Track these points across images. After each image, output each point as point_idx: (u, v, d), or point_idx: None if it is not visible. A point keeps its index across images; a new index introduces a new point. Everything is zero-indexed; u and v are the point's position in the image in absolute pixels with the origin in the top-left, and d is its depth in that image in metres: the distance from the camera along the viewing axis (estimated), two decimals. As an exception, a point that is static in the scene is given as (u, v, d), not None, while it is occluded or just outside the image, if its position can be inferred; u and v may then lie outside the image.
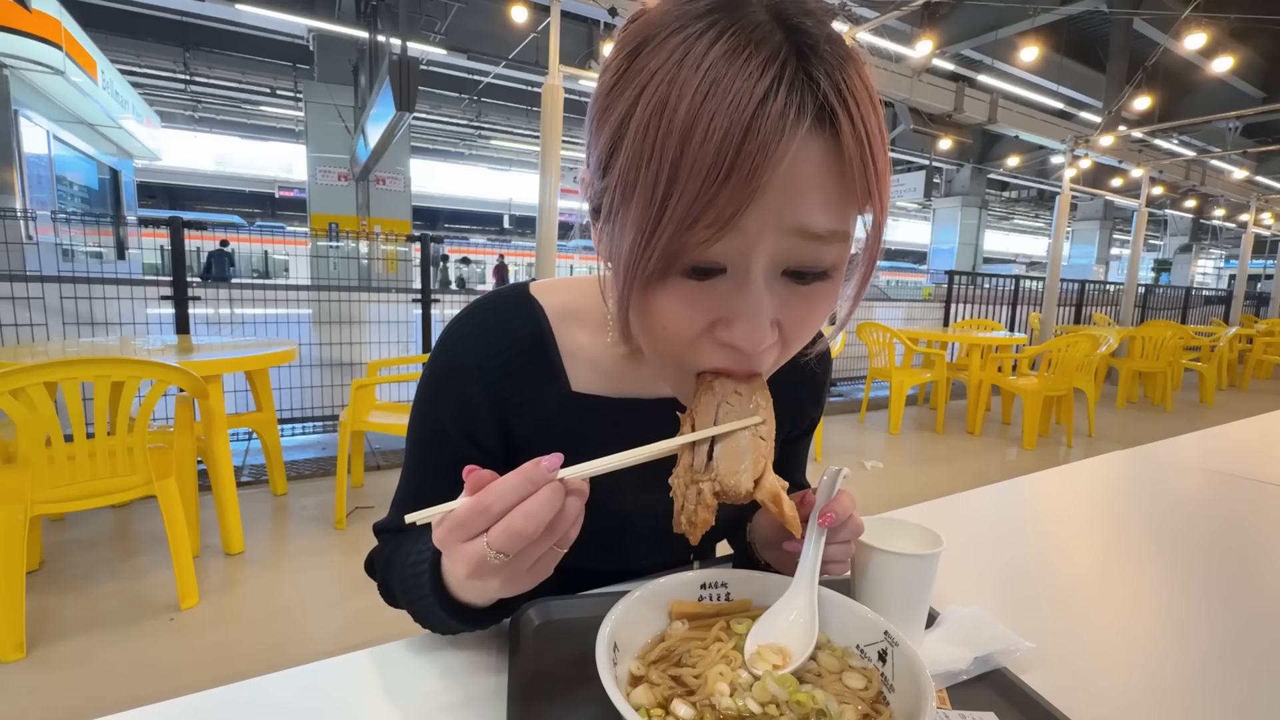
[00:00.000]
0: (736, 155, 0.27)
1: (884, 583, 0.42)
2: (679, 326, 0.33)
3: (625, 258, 0.31)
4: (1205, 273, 21.76)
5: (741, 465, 0.33)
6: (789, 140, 0.28)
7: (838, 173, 0.30)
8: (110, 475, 1.45)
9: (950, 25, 7.43)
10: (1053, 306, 5.18)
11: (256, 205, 17.12)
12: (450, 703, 0.37)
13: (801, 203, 0.30)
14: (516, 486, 0.30)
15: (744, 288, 0.31)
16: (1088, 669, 0.43)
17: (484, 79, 8.49)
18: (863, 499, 0.41)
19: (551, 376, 0.46)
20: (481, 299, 0.48)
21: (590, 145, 0.36)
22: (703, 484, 0.34)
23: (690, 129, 0.27)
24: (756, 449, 0.34)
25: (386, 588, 0.48)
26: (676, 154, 0.28)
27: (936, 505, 0.75)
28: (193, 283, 2.70)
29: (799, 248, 0.31)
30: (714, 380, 0.35)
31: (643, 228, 0.30)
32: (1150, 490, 0.88)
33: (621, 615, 0.36)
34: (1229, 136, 9.68)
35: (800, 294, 0.33)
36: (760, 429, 0.34)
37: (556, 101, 2.72)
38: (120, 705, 0.34)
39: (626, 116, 0.30)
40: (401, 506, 0.49)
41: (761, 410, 0.35)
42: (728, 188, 0.28)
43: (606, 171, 0.32)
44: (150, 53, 8.20)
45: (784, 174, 0.28)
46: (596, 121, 0.33)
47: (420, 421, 0.48)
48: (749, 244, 0.30)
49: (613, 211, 0.32)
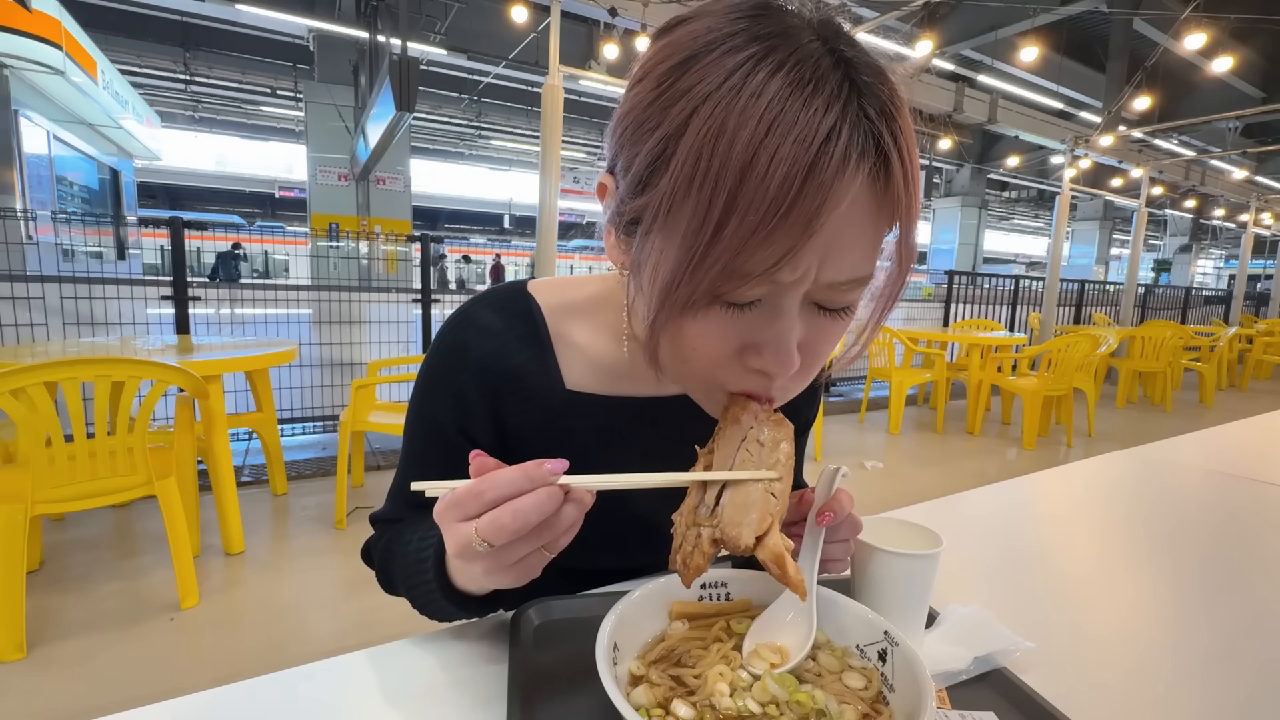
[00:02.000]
0: (799, 193, 0.27)
1: (884, 582, 0.42)
2: (709, 351, 0.34)
3: (666, 281, 0.31)
4: (1205, 273, 21.77)
5: (747, 518, 0.32)
6: (850, 181, 0.28)
7: (882, 217, 0.30)
8: (110, 475, 1.45)
9: (950, 25, 7.43)
10: (1052, 306, 5.18)
11: (257, 205, 17.13)
12: (450, 702, 0.37)
13: (846, 250, 0.30)
14: (514, 481, 0.30)
15: (776, 319, 0.32)
16: (1088, 669, 0.43)
17: (484, 79, 8.49)
18: (863, 499, 0.41)
19: (546, 374, 0.46)
20: (479, 296, 0.49)
21: (618, 152, 0.34)
22: (704, 529, 0.33)
23: (751, 162, 0.27)
24: (766, 504, 0.32)
25: (385, 574, 0.48)
26: (735, 185, 0.27)
27: (936, 505, 0.75)
28: (193, 283, 2.70)
29: (829, 292, 0.32)
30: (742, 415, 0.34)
31: (690, 255, 0.29)
32: (1150, 490, 0.88)
33: (621, 615, 0.36)
34: (1229, 136, 9.69)
35: (822, 323, 0.34)
36: (774, 485, 0.33)
37: (556, 101, 2.72)
38: (120, 705, 0.34)
39: (674, 136, 0.29)
40: (397, 498, 0.50)
41: (780, 466, 0.33)
42: (785, 225, 0.27)
43: (645, 187, 0.32)
44: (150, 53, 8.20)
45: (838, 219, 0.28)
46: (633, 131, 0.32)
47: (417, 417, 0.48)
48: (790, 286, 0.31)
49: (651, 229, 0.32)
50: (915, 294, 6.72)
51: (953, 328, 4.90)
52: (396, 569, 0.45)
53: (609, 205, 0.37)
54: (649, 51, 0.33)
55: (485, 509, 0.30)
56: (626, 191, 0.34)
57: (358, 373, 3.03)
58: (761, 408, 0.35)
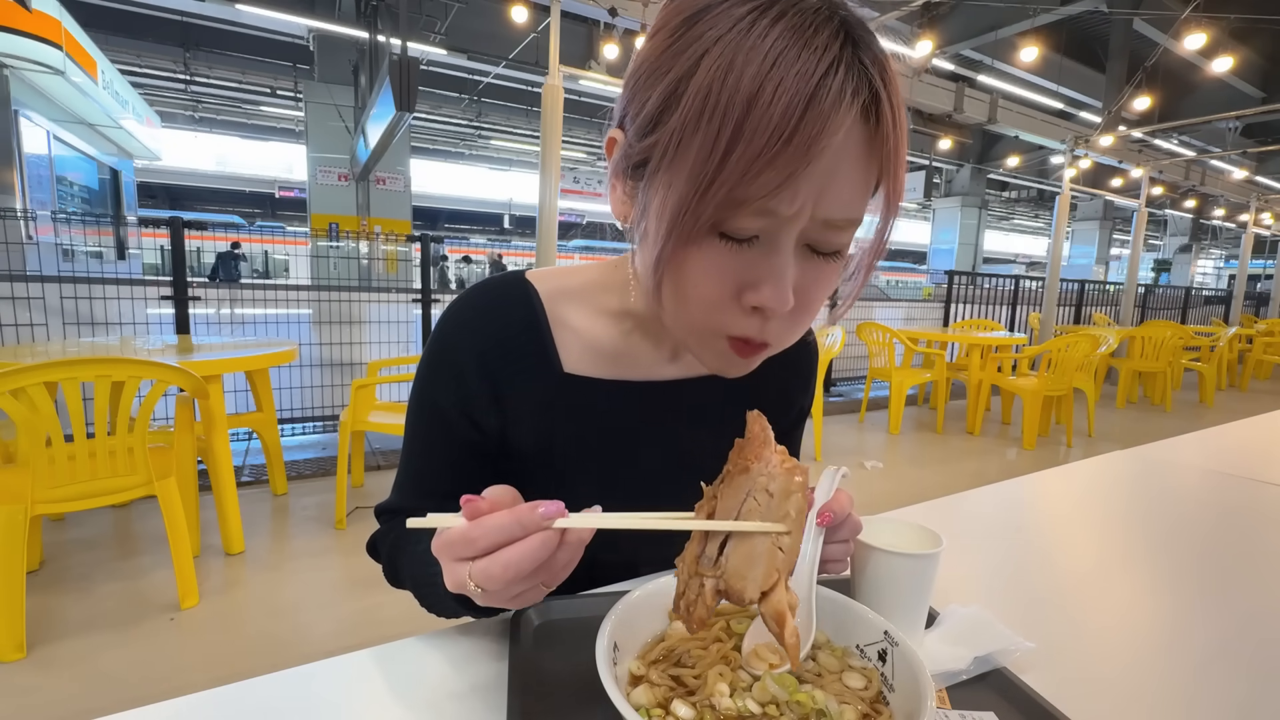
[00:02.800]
0: (800, 120, 0.29)
1: (884, 582, 0.42)
2: (710, 289, 0.35)
3: (675, 209, 0.32)
4: (1205, 273, 21.76)
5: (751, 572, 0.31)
6: (844, 115, 0.30)
7: (871, 160, 0.33)
8: (110, 475, 1.45)
9: (950, 25, 7.43)
10: (1052, 306, 5.18)
11: (257, 205, 17.12)
12: (450, 702, 0.37)
13: (839, 185, 0.32)
14: (505, 528, 0.29)
15: (773, 255, 0.34)
16: (1087, 668, 0.43)
17: (484, 79, 8.49)
18: (863, 499, 0.41)
19: (545, 357, 0.47)
20: (479, 284, 0.50)
21: (629, 104, 0.36)
22: (707, 579, 0.32)
23: (757, 92, 0.29)
24: (772, 558, 0.31)
25: (392, 570, 0.49)
26: (742, 114, 0.29)
27: (936, 505, 0.75)
28: (193, 283, 2.70)
29: (824, 231, 0.34)
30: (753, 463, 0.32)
31: (698, 183, 0.31)
32: (1150, 490, 0.88)
33: (621, 615, 0.36)
34: (1229, 136, 9.68)
35: (814, 266, 0.36)
36: (782, 539, 0.32)
37: (556, 101, 2.72)
38: (120, 705, 0.34)
39: (685, 77, 0.31)
40: (402, 488, 0.51)
41: (790, 520, 0.32)
42: (788, 151, 0.29)
43: (657, 126, 0.33)
44: (150, 53, 8.19)
45: (835, 149, 0.31)
46: (645, 79, 0.34)
47: (419, 403, 0.49)
48: (787, 220, 0.32)
49: (660, 165, 0.33)
50: (915, 294, 6.72)
51: (953, 328, 4.90)
52: (405, 566, 0.46)
53: (616, 158, 0.39)
54: (663, 11, 0.35)
55: (478, 555, 0.30)
56: (636, 134, 0.35)
57: (358, 373, 3.03)
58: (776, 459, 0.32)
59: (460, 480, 0.49)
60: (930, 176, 8.68)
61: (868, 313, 5.04)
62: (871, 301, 5.33)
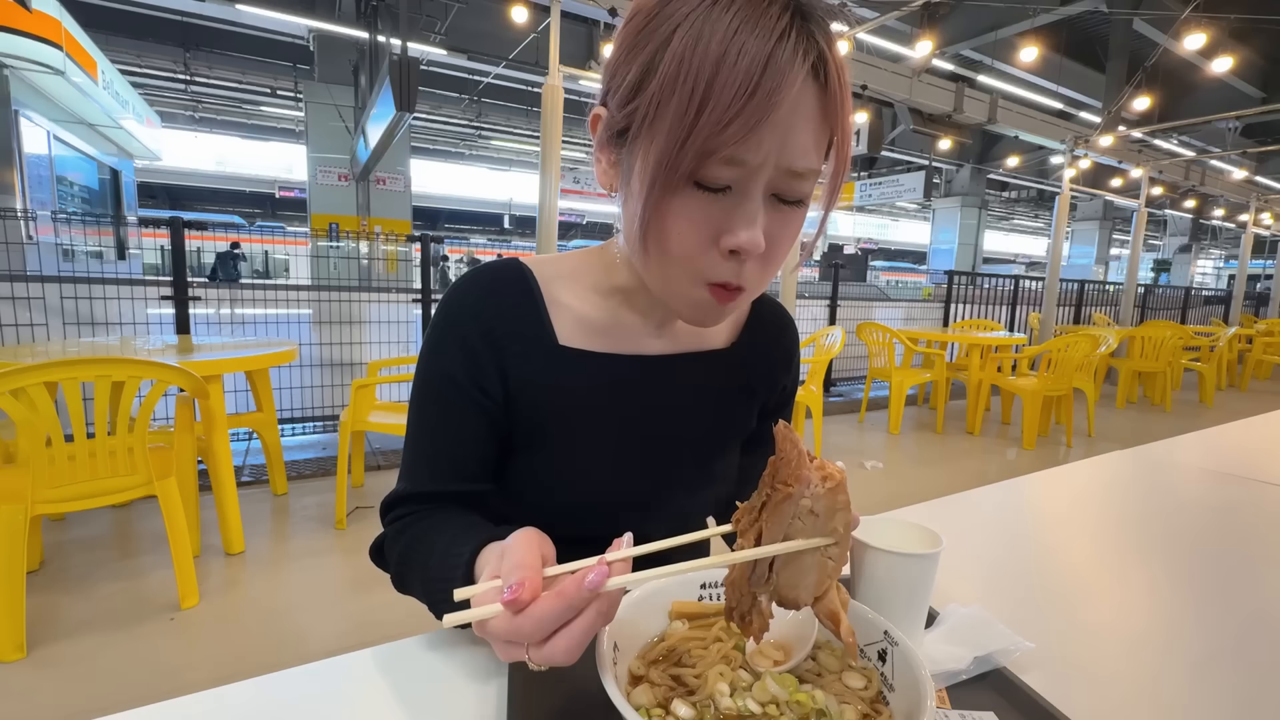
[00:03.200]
0: (761, 76, 0.34)
1: (884, 582, 0.42)
2: (690, 235, 0.39)
3: (655, 162, 0.37)
4: (1205, 273, 21.77)
5: (804, 582, 0.32)
6: (796, 74, 0.35)
7: (822, 116, 0.37)
8: (110, 475, 1.45)
9: (950, 26, 7.43)
10: (1052, 306, 5.18)
11: (257, 205, 17.11)
12: (450, 702, 0.37)
13: (797, 136, 0.37)
14: (559, 615, 0.28)
15: (745, 202, 0.38)
16: (1087, 669, 0.44)
17: (484, 79, 8.49)
18: (863, 499, 0.42)
19: (541, 330, 0.50)
20: (477, 268, 0.52)
21: (611, 80, 0.41)
22: (761, 595, 0.33)
23: (723, 55, 0.34)
24: (822, 568, 0.32)
25: (401, 580, 0.47)
26: (712, 73, 0.34)
27: (936, 505, 0.75)
28: (193, 283, 2.70)
29: (787, 179, 0.38)
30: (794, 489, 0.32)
31: (677, 135, 0.35)
32: (1150, 490, 0.88)
33: (621, 615, 0.36)
34: (1228, 137, 9.68)
35: (781, 214, 0.40)
36: (830, 550, 0.32)
37: (557, 102, 2.72)
38: (121, 705, 0.34)
39: (661, 48, 0.36)
40: (414, 473, 0.50)
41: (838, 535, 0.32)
42: (753, 103, 0.34)
43: (637, 93, 0.38)
44: (150, 53, 8.19)
45: (791, 103, 0.35)
46: (626, 54, 0.39)
47: (427, 376, 0.50)
48: (755, 165, 0.37)
49: (641, 128, 0.38)
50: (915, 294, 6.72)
51: (952, 328, 4.90)
52: (418, 580, 0.44)
53: (600, 131, 0.43)
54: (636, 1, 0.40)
55: (533, 644, 0.29)
56: (618, 105, 0.40)
57: (358, 373, 3.03)
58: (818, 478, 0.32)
59: (478, 455, 0.50)
60: (930, 176, 8.68)
61: (867, 313, 5.04)
62: (871, 301, 5.33)
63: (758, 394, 0.58)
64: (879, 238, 23.68)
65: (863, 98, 6.04)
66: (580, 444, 0.51)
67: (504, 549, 0.32)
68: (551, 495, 0.51)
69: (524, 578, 0.29)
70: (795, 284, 3.79)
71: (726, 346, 0.56)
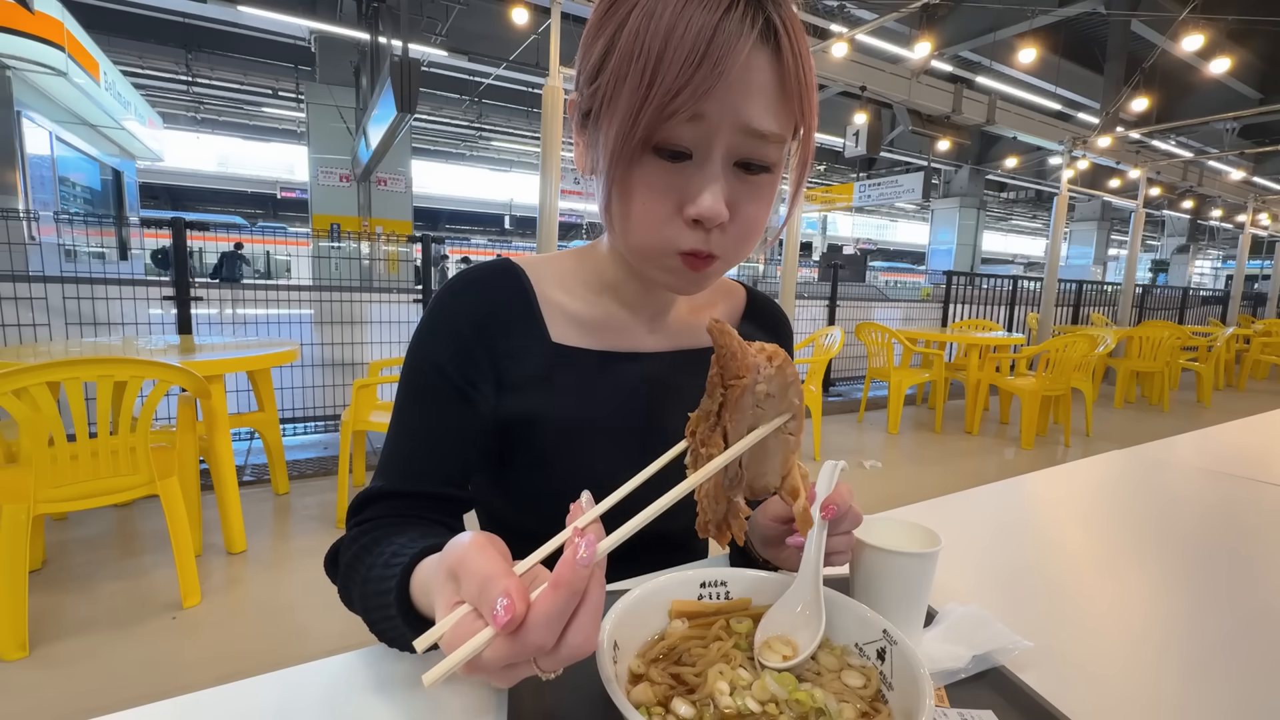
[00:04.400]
0: (708, 47, 0.35)
1: (883, 581, 0.42)
2: (654, 203, 0.40)
3: (616, 133, 0.38)
4: (1202, 273, 21.77)
5: (769, 464, 0.33)
6: (744, 42, 0.36)
7: (779, 83, 0.38)
8: (113, 475, 1.45)
9: (948, 27, 7.43)
10: (1050, 307, 5.18)
11: (258, 206, 17.10)
12: (450, 702, 0.37)
13: (752, 100, 0.38)
14: (564, 609, 0.24)
15: (704, 167, 0.39)
16: (1086, 667, 0.44)
17: (485, 80, 8.49)
18: (862, 499, 0.42)
19: (534, 327, 0.50)
20: (471, 266, 0.53)
21: (581, 66, 0.43)
22: (735, 496, 0.33)
23: (672, 28, 0.36)
24: (785, 445, 0.33)
25: (346, 592, 0.43)
26: (661, 47, 0.36)
27: (935, 504, 0.76)
28: (195, 283, 2.71)
29: (747, 143, 0.39)
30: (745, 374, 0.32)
31: (632, 105, 0.37)
32: (1147, 490, 0.88)
33: (621, 614, 0.36)
34: (1226, 137, 9.69)
35: (748, 183, 0.41)
36: (789, 424, 0.34)
37: (557, 103, 2.72)
38: (122, 704, 0.34)
39: (619, 29, 0.38)
40: (389, 470, 0.47)
41: (794, 407, 0.34)
42: (701, 71, 0.36)
43: (598, 74, 0.40)
44: (152, 54, 8.19)
45: (740, 70, 0.37)
46: (592, 39, 0.41)
47: (415, 369, 0.49)
48: (711, 131, 0.38)
49: (603, 105, 0.39)
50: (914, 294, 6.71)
51: (951, 328, 4.90)
52: (357, 589, 0.41)
53: (574, 116, 0.44)
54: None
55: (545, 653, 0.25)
56: (584, 85, 0.42)
57: (359, 373, 3.03)
58: (764, 359, 0.34)
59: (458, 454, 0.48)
60: (929, 177, 8.68)
61: (866, 313, 5.04)
62: (870, 301, 5.33)
63: None
64: (878, 238, 23.67)
65: (861, 98, 6.04)
66: (574, 442, 0.50)
67: (454, 565, 0.27)
68: (545, 493, 0.50)
69: (506, 588, 0.24)
70: (794, 284, 3.80)
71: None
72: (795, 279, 3.79)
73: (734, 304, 0.61)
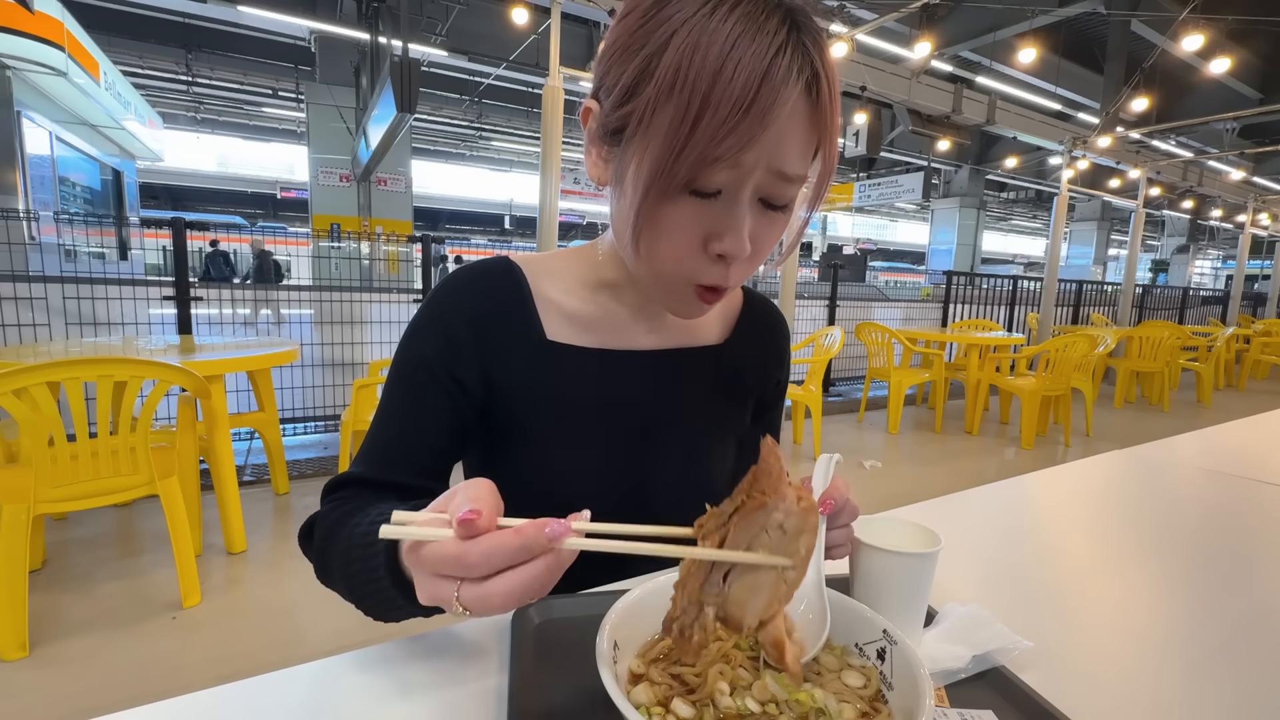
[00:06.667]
0: (756, 94, 0.34)
1: (882, 581, 0.42)
2: (680, 240, 0.40)
3: (651, 170, 0.37)
4: (1202, 273, 21.78)
5: (754, 600, 0.31)
6: (791, 89, 0.35)
7: (813, 127, 0.38)
8: (113, 475, 1.45)
9: (948, 27, 7.44)
10: (1050, 307, 5.18)
11: (259, 206, 17.11)
12: (451, 702, 0.37)
13: (787, 146, 0.37)
14: (509, 553, 0.27)
15: (733, 209, 0.39)
16: (1086, 667, 0.44)
17: (485, 80, 8.49)
18: (861, 498, 0.42)
19: (530, 326, 0.50)
20: (467, 263, 0.53)
21: (605, 74, 0.41)
22: (708, 606, 0.31)
23: (720, 70, 0.34)
24: (775, 590, 0.31)
25: (323, 560, 0.44)
26: (707, 89, 0.34)
27: (935, 504, 0.76)
28: (195, 283, 2.71)
29: (775, 184, 0.39)
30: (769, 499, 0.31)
31: (672, 145, 0.36)
32: (1147, 490, 0.88)
33: (621, 614, 0.36)
34: (1226, 137, 9.69)
35: (767, 218, 0.41)
36: (788, 573, 0.31)
37: (557, 103, 2.72)
38: (122, 704, 0.34)
39: (657, 54, 0.36)
40: (367, 458, 0.48)
41: (798, 558, 0.32)
42: (747, 120, 0.35)
43: (631, 96, 0.38)
44: (152, 54, 8.19)
45: (784, 118, 0.36)
46: (620, 53, 0.39)
47: (403, 361, 0.49)
48: (745, 175, 0.38)
49: (635, 131, 0.38)
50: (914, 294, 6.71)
51: (951, 328, 4.90)
52: (338, 555, 0.41)
53: (593, 125, 0.43)
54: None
55: (470, 577, 0.28)
56: (612, 104, 0.40)
57: (359, 373, 3.03)
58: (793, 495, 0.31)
59: (435, 448, 0.48)
60: (929, 177, 8.68)
61: (866, 313, 5.04)
62: (870, 302, 5.33)
63: (751, 390, 0.58)
64: (878, 238, 23.68)
65: (861, 99, 6.04)
66: (568, 440, 0.50)
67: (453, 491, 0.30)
68: (538, 492, 0.50)
69: (481, 504, 0.28)
70: (794, 284, 3.80)
71: (719, 343, 0.57)
72: (795, 279, 3.79)
73: (731, 303, 0.61)
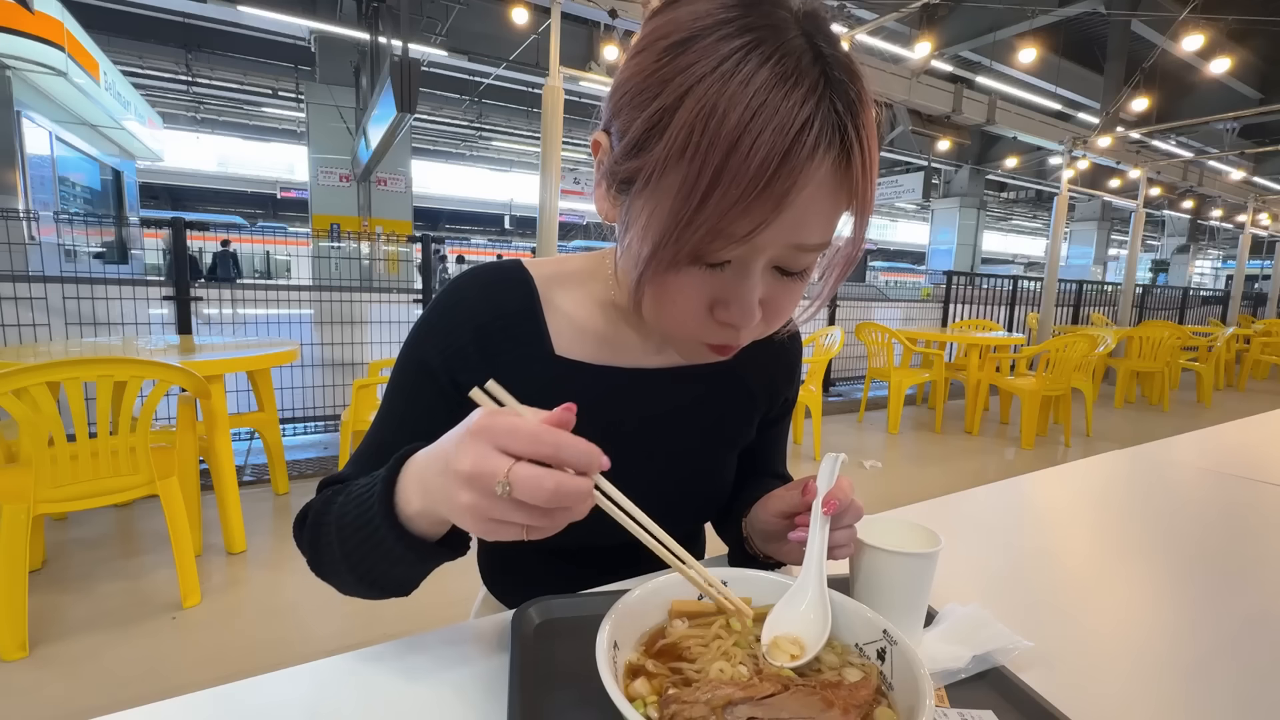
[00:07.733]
0: (775, 174, 0.31)
1: (883, 582, 0.42)
2: (685, 305, 0.38)
3: (655, 241, 0.35)
4: (1203, 273, 21.79)
5: None
6: (817, 168, 0.32)
7: (841, 196, 0.35)
8: (113, 475, 1.45)
9: (949, 27, 7.44)
10: (1050, 307, 5.19)
11: (259, 206, 17.11)
12: (451, 701, 0.37)
13: (810, 222, 0.34)
14: (578, 452, 0.30)
15: (743, 279, 0.37)
16: (1086, 667, 0.44)
17: (485, 80, 8.49)
18: (862, 499, 0.42)
19: (538, 339, 0.49)
20: (480, 266, 0.51)
21: (615, 114, 0.38)
22: None
23: (737, 141, 0.30)
24: None
25: (315, 535, 0.43)
26: (721, 161, 0.31)
27: (935, 504, 0.76)
28: (195, 283, 2.71)
29: (792, 255, 0.37)
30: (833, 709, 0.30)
31: (677, 220, 0.33)
32: (1148, 490, 0.88)
33: (622, 614, 0.36)
34: (1226, 137, 9.70)
35: (783, 284, 0.39)
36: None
37: (557, 103, 2.72)
38: (122, 704, 0.34)
39: (670, 110, 0.32)
40: (361, 460, 0.48)
41: None
42: (762, 201, 0.32)
43: (640, 151, 0.35)
44: (152, 54, 8.20)
45: (805, 197, 0.33)
46: (631, 98, 0.35)
47: (405, 363, 0.49)
48: (758, 250, 0.35)
49: (644, 187, 0.35)
50: (914, 294, 6.71)
51: (951, 328, 4.90)
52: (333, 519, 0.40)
53: (602, 161, 0.40)
54: (650, 25, 0.36)
55: (532, 458, 0.29)
56: (621, 153, 0.36)
57: (359, 373, 3.03)
58: None
59: None
60: (929, 177, 8.69)
61: (866, 313, 5.04)
62: (870, 302, 5.33)
63: (758, 405, 0.57)
64: (878, 238, 23.67)
65: (862, 99, 6.04)
66: None
67: None
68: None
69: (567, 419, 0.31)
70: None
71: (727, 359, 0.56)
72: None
73: None
